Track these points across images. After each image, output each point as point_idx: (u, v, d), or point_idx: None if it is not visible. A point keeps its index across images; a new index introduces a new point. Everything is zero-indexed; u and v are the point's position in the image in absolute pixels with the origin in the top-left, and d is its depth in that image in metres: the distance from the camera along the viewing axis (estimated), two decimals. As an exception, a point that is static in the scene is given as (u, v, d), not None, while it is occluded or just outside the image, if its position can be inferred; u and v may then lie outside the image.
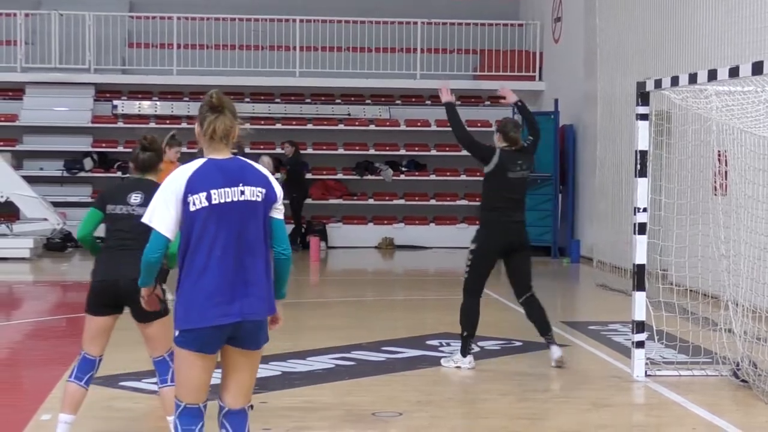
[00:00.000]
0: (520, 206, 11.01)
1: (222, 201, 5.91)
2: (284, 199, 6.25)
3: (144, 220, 6.10)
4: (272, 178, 6.08)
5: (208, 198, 5.90)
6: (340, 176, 26.09)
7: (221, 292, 5.92)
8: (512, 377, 10.68)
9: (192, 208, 5.90)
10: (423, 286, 18.89)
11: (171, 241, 6.02)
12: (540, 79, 26.53)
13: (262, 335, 6.10)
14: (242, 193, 5.94)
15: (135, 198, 7.75)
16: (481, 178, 11.31)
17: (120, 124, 26.16)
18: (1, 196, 21.51)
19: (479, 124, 26.36)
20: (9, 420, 8.85)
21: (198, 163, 6.04)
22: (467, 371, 10.78)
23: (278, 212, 6.10)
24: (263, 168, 6.08)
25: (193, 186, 5.92)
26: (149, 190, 7.40)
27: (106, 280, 7.68)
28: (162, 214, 5.99)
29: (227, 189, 5.93)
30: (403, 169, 26.26)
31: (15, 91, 26.35)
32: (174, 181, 5.98)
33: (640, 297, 10.39)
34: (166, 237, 6.00)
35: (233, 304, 5.93)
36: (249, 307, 5.97)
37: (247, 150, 23.88)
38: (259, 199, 5.96)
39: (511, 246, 10.83)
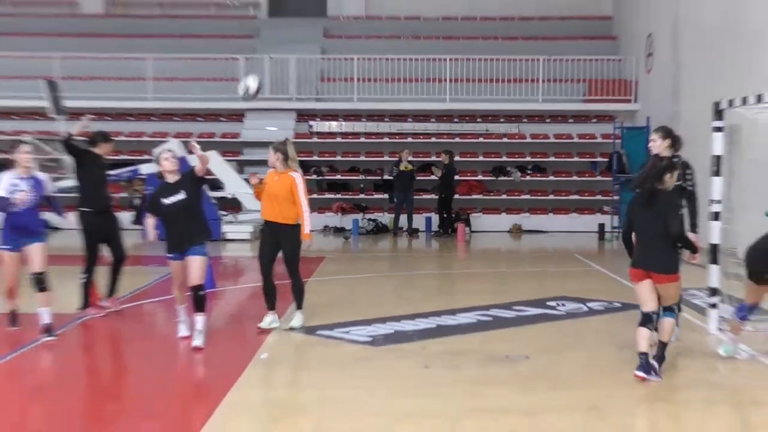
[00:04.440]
0: None
1: None
2: (439, 194, 6.50)
3: None
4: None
5: None
6: (480, 177, 26.09)
7: None
8: (613, 330, 10.60)
9: None
10: (544, 261, 18.82)
11: None
12: (635, 101, 26.07)
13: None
14: None
15: None
16: (589, 179, 11.17)
17: (314, 139, 26.60)
18: (230, 194, 22.11)
19: (587, 137, 26.17)
20: (237, 357, 9.13)
21: None
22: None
23: None
24: None
25: None
26: None
27: None
28: None
29: None
30: (529, 171, 26.13)
31: (237, 116, 27.00)
32: None
33: (714, 269, 10.23)
34: None
35: None
36: None
37: (410, 158, 24.08)
38: None
39: None
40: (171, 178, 9.65)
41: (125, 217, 22.68)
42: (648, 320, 8.33)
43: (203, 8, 30.53)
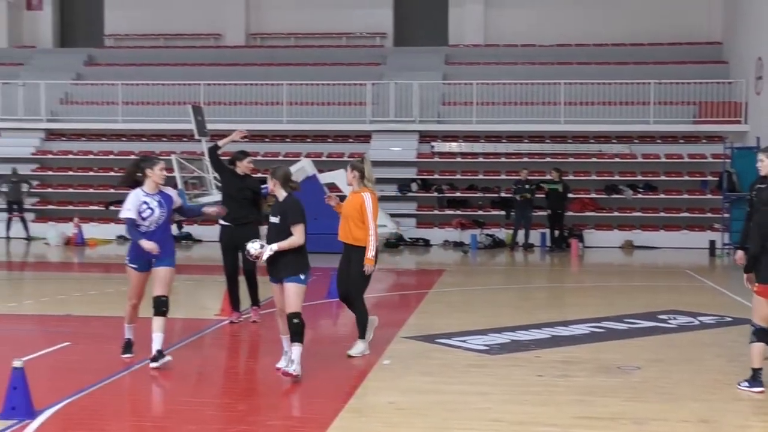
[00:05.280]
0: None
1: None
2: (554, 210, 6.17)
3: None
4: None
5: None
6: (593, 195, 25.58)
7: None
8: (725, 344, 10.18)
9: None
10: (655, 276, 18.29)
11: None
12: (745, 122, 25.19)
13: None
14: None
15: None
16: (700, 197, 10.60)
17: (436, 159, 26.53)
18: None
19: (697, 157, 25.43)
20: (361, 362, 9.15)
21: None
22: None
23: None
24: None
25: None
26: None
27: None
28: None
29: None
30: (640, 190, 25.49)
31: (365, 137, 27.13)
32: None
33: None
34: None
35: None
36: None
37: (530, 177, 23.77)
38: None
39: None
40: (280, 196, 8.49)
41: (263, 231, 23.00)
42: (766, 336, 7.93)
43: (334, 39, 30.87)
